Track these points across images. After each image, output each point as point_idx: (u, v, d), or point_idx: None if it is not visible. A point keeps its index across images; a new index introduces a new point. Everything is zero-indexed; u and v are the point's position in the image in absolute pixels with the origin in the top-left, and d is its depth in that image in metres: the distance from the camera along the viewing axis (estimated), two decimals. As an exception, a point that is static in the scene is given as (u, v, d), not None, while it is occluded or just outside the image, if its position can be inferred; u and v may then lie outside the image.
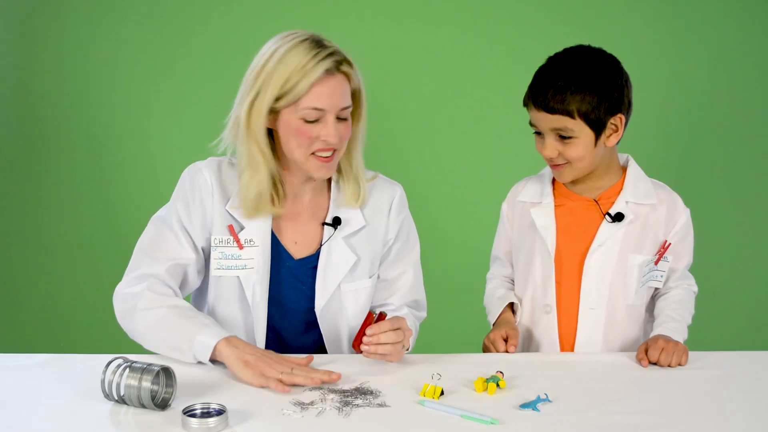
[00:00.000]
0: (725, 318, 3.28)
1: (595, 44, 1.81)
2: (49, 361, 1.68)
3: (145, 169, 3.19)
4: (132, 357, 1.50)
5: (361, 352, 1.62)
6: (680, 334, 1.79)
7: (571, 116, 1.71)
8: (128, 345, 1.90)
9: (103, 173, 3.22)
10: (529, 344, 1.91)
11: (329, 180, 1.85)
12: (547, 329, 1.86)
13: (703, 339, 2.00)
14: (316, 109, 1.66)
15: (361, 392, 1.52)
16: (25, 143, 3.23)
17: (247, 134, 1.71)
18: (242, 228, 1.77)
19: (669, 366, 1.68)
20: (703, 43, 3.13)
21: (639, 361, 1.70)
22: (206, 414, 1.40)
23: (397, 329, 1.63)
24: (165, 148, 3.18)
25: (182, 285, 1.78)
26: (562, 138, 1.74)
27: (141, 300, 1.69)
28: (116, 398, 1.45)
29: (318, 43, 1.67)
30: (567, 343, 1.85)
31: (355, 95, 1.73)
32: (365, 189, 1.82)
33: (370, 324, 1.63)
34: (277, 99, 1.66)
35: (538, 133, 1.79)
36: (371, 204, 1.86)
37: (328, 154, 1.71)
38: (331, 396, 1.50)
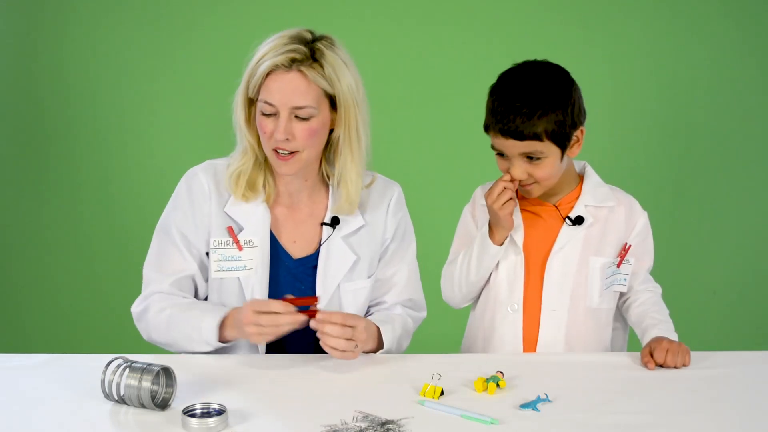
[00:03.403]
0: (725, 318, 3.28)
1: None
2: (49, 361, 1.68)
3: (146, 169, 3.19)
4: (132, 357, 1.50)
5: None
6: (674, 335, 1.79)
7: (540, 139, 1.71)
8: (128, 345, 1.91)
9: (103, 173, 3.22)
10: (489, 344, 1.89)
11: (326, 180, 1.85)
12: (513, 327, 1.85)
13: (703, 339, 2.01)
14: (267, 103, 1.67)
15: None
16: (26, 143, 3.23)
17: (236, 121, 1.76)
18: (241, 229, 1.77)
19: (674, 367, 1.68)
20: (703, 43, 3.13)
21: (645, 364, 1.69)
22: (206, 414, 1.40)
23: (348, 327, 1.62)
24: (166, 148, 3.17)
25: (195, 294, 1.82)
26: (531, 159, 1.74)
27: (149, 311, 1.76)
28: (116, 398, 1.45)
29: (295, 39, 1.68)
30: (529, 343, 1.85)
31: (336, 100, 1.71)
32: (357, 197, 1.79)
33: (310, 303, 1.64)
34: (247, 88, 1.71)
35: (501, 155, 1.78)
36: (370, 205, 1.86)
37: (285, 152, 1.70)
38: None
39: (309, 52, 1.67)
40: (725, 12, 3.11)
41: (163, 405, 1.45)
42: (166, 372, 1.46)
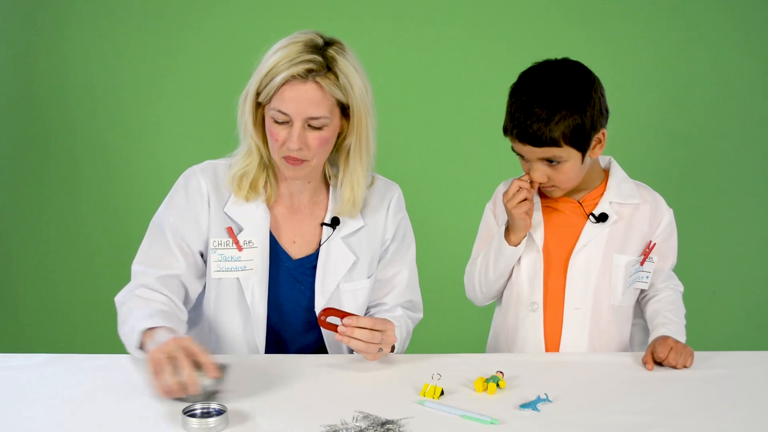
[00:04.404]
0: (725, 318, 3.28)
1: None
2: (49, 361, 1.68)
3: (147, 169, 3.19)
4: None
5: (321, 324, 1.67)
6: (682, 336, 1.79)
7: (558, 145, 1.70)
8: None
9: (104, 173, 3.22)
10: (513, 343, 1.89)
11: (327, 181, 1.85)
12: (534, 327, 1.85)
13: (703, 339, 2.00)
14: (281, 112, 1.65)
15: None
16: (26, 143, 3.23)
17: (241, 121, 1.74)
18: (241, 229, 1.77)
19: (674, 367, 1.68)
20: (703, 43, 3.13)
21: (644, 364, 1.69)
22: (206, 414, 1.40)
23: (376, 331, 1.64)
24: (167, 147, 3.17)
25: (182, 295, 1.78)
26: (551, 162, 1.73)
27: (124, 305, 1.72)
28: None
29: (310, 47, 1.65)
30: (552, 342, 1.84)
31: (348, 108, 1.71)
32: (361, 199, 1.80)
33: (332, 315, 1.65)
34: (258, 94, 1.69)
35: (522, 156, 1.77)
36: (370, 205, 1.85)
37: (295, 159, 1.70)
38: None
39: (324, 61, 1.65)
40: (725, 12, 3.11)
41: (212, 397, 1.47)
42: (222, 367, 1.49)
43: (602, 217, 1.82)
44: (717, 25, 3.12)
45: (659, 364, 1.69)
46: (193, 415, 1.39)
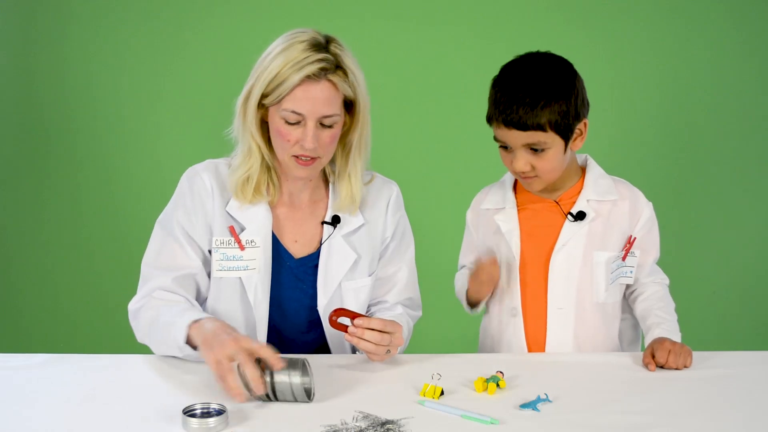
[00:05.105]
0: (725, 318, 3.28)
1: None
2: (49, 361, 1.68)
3: (147, 169, 3.19)
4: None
5: (332, 324, 1.66)
6: (677, 334, 1.79)
7: (544, 130, 1.71)
8: (128, 345, 1.90)
9: (104, 173, 3.22)
10: (498, 348, 1.90)
11: (327, 179, 1.85)
12: (515, 332, 1.85)
13: (703, 339, 2.00)
14: (295, 113, 1.65)
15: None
16: (26, 143, 3.23)
17: (243, 124, 1.73)
18: (243, 229, 1.77)
19: (676, 368, 1.68)
20: (703, 43, 3.13)
21: (645, 365, 1.69)
22: (206, 414, 1.40)
23: (386, 333, 1.64)
24: (167, 148, 3.18)
25: (196, 295, 1.78)
26: (534, 150, 1.74)
27: (144, 309, 1.71)
28: (268, 396, 1.47)
29: (314, 46, 1.65)
30: (537, 344, 1.84)
31: (352, 104, 1.72)
32: (359, 195, 1.81)
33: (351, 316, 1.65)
34: (264, 96, 1.68)
35: (504, 147, 1.78)
36: (369, 203, 1.86)
37: (307, 158, 1.70)
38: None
39: (333, 59, 1.66)
40: (725, 12, 3.11)
41: (309, 396, 1.47)
42: (305, 364, 1.48)
43: (580, 216, 1.82)
44: (717, 25, 3.12)
45: (659, 366, 1.69)
46: (193, 415, 1.39)
